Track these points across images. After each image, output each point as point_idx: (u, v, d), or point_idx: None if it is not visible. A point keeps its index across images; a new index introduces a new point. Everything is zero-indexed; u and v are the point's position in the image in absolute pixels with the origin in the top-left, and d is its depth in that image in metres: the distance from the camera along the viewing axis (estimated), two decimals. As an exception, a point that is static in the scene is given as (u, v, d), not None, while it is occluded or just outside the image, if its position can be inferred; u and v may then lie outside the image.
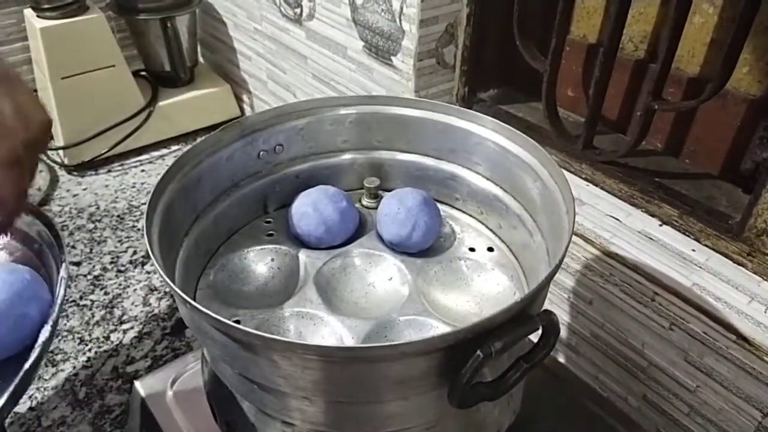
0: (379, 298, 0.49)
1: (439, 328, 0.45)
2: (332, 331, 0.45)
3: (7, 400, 0.39)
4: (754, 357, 0.50)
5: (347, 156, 0.57)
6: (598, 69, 0.58)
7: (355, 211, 0.53)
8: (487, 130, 0.51)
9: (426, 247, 0.51)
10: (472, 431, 0.44)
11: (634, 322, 0.59)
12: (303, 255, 0.51)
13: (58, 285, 0.44)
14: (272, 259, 0.52)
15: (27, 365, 0.40)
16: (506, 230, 0.52)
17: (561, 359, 0.68)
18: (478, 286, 0.50)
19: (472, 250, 0.53)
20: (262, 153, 0.54)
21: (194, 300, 0.47)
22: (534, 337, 0.37)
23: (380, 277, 0.50)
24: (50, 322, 0.42)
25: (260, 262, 0.52)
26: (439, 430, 0.41)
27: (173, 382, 0.55)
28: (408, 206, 0.50)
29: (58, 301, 0.43)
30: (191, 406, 0.52)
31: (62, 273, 0.45)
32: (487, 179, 0.53)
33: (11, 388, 0.39)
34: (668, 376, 0.58)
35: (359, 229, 0.53)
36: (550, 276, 0.36)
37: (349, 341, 0.44)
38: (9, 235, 0.49)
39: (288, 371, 0.34)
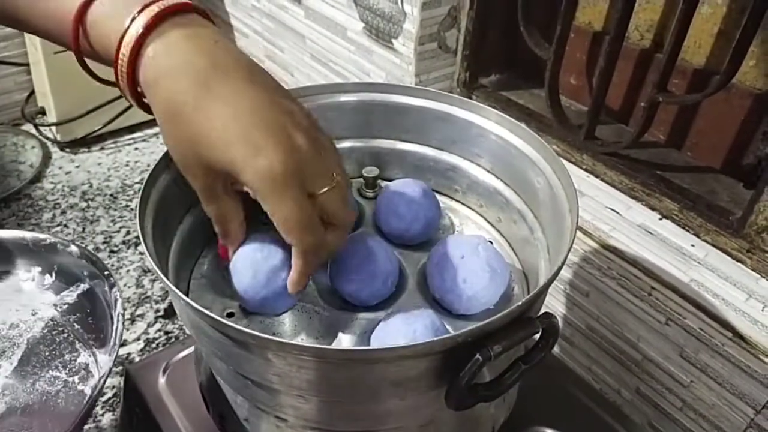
0: (377, 290, 0.48)
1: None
2: (328, 326, 0.44)
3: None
4: (749, 355, 0.50)
5: (346, 144, 0.56)
6: (603, 58, 0.57)
7: (353, 201, 0.52)
8: (490, 122, 0.50)
9: (425, 240, 0.50)
10: (468, 427, 0.43)
11: (630, 316, 0.59)
12: (299, 245, 0.50)
13: (116, 320, 0.45)
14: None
15: (94, 393, 0.42)
16: (506, 224, 0.51)
17: (555, 350, 0.68)
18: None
19: (470, 243, 0.52)
20: (258, 139, 0.52)
21: (188, 290, 0.47)
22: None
23: (377, 269, 0.50)
24: (112, 357, 0.44)
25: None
26: (435, 427, 0.41)
27: (165, 369, 0.55)
28: (407, 198, 0.49)
29: (118, 337, 0.44)
30: (184, 394, 0.52)
31: (118, 309, 0.46)
32: (489, 172, 0.52)
33: (82, 412, 0.41)
34: (662, 371, 0.58)
35: (357, 220, 0.52)
36: (551, 279, 0.36)
37: (346, 336, 0.43)
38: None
39: (282, 370, 0.34)
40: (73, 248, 0.51)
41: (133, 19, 0.35)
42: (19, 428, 0.45)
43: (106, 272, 0.49)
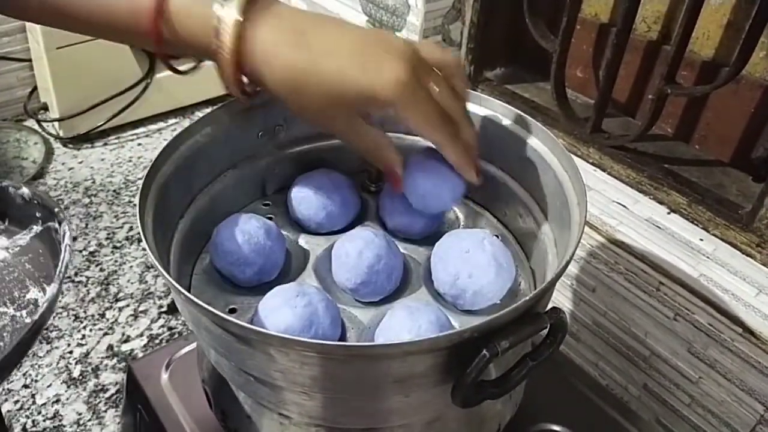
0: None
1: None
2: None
3: (5, 359, 0.38)
4: (759, 351, 0.50)
5: (348, 137, 0.55)
6: (609, 50, 0.56)
7: (357, 195, 0.52)
8: (495, 114, 0.49)
9: (429, 234, 0.50)
10: (475, 425, 0.43)
11: (638, 311, 0.58)
12: (302, 240, 0.50)
13: (63, 251, 0.44)
14: (271, 244, 0.50)
15: (30, 325, 0.40)
16: (512, 218, 0.51)
17: (561, 346, 0.67)
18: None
19: (475, 237, 0.51)
20: (261, 133, 0.52)
21: (189, 285, 0.46)
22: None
23: (381, 263, 0.49)
24: (57, 283, 0.42)
25: (258, 246, 0.50)
26: (441, 424, 0.40)
27: (168, 365, 0.55)
28: (411, 192, 0.48)
29: (64, 265, 0.43)
30: (186, 390, 0.52)
31: (66, 241, 0.45)
32: (494, 165, 0.51)
33: (9, 349, 0.39)
34: (670, 367, 0.57)
35: (361, 214, 0.52)
36: (558, 274, 0.35)
37: (350, 331, 0.42)
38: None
39: (285, 366, 0.33)
40: (25, 191, 0.50)
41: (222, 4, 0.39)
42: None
43: (56, 210, 0.48)
